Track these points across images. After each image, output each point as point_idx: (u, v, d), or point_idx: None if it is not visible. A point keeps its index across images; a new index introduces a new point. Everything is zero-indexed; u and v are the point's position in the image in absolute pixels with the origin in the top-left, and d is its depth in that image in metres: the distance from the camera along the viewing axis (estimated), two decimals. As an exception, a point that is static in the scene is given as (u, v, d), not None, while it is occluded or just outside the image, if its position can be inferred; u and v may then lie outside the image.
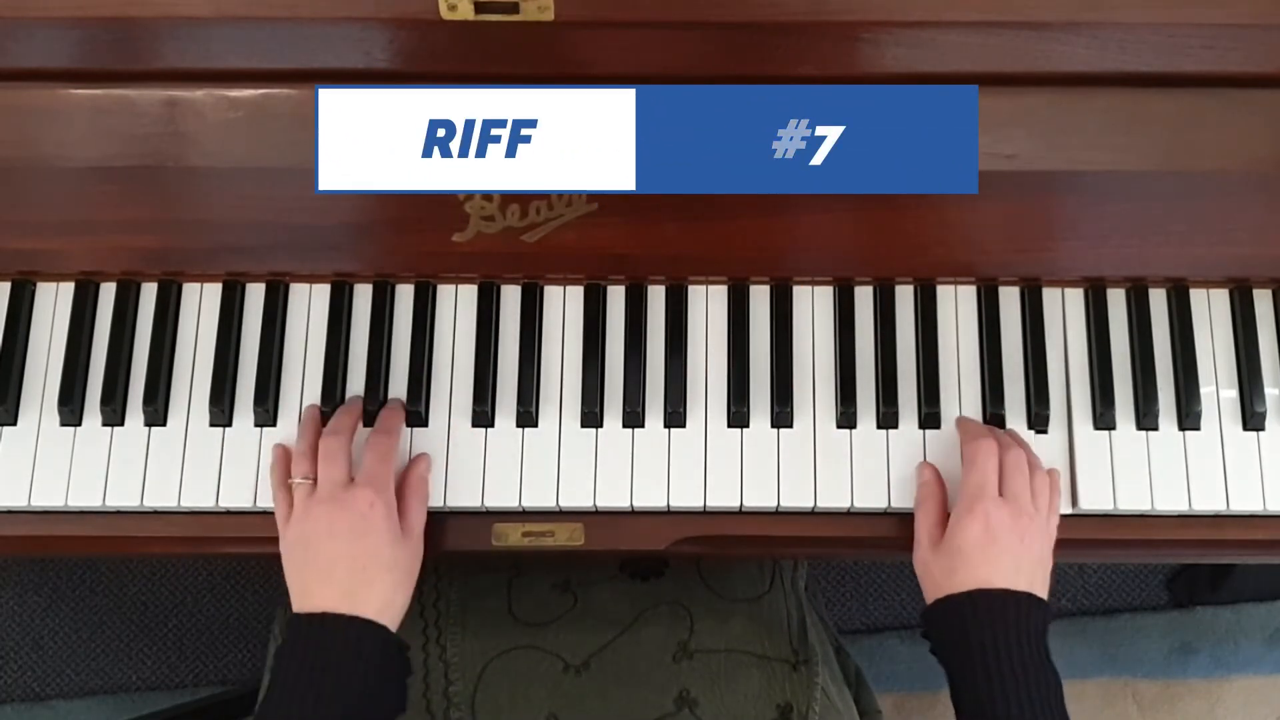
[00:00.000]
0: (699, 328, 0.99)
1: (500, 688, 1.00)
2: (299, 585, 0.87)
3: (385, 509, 0.88)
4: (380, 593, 0.86)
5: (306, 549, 0.87)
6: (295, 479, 0.91)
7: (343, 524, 0.87)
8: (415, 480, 0.93)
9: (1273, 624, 1.65)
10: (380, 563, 0.87)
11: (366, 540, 0.86)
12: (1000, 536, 0.86)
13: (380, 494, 0.88)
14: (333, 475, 0.89)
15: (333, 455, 0.90)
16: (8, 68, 0.89)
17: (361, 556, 0.86)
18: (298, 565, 0.87)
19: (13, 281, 0.99)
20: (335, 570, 0.86)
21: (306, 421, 0.95)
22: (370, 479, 0.89)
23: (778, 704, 0.99)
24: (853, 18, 0.84)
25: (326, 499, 0.88)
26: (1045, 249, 0.96)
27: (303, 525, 0.88)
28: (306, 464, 0.91)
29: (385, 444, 0.92)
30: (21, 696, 1.62)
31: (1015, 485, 0.89)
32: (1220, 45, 0.86)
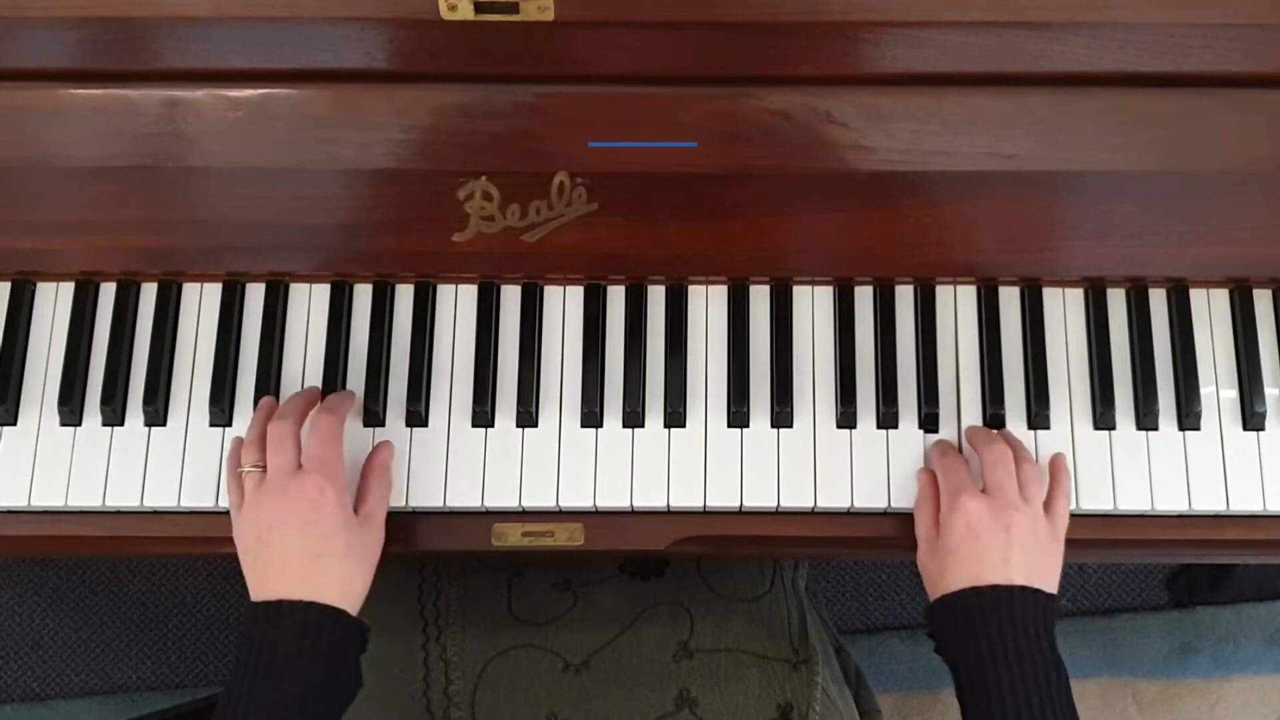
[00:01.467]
0: (699, 328, 0.99)
1: (500, 687, 1.00)
2: (255, 575, 0.86)
3: (336, 494, 0.86)
4: (337, 579, 0.85)
5: (258, 538, 0.86)
6: (245, 467, 0.89)
7: (293, 513, 0.85)
8: (377, 465, 0.92)
9: (1273, 624, 1.65)
10: (334, 549, 0.85)
11: (319, 527, 0.85)
12: (982, 532, 0.86)
13: (330, 479, 0.87)
14: (281, 463, 0.87)
15: (279, 442, 0.88)
16: (8, 68, 0.89)
17: (315, 544, 0.85)
18: (251, 554, 0.86)
19: (13, 281, 0.99)
20: (290, 560, 0.84)
21: (259, 409, 0.94)
22: (318, 464, 0.87)
23: (778, 704, 0.99)
24: (853, 18, 0.84)
25: (276, 488, 0.86)
26: (1045, 249, 0.96)
27: (254, 515, 0.87)
28: (256, 451, 0.90)
29: (329, 424, 0.90)
30: (21, 696, 1.62)
31: (997, 478, 0.89)
32: (1220, 45, 0.86)
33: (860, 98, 0.89)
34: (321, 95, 0.90)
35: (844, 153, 0.91)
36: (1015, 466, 0.90)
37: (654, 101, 0.90)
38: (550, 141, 0.91)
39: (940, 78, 0.89)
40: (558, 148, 0.91)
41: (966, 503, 0.87)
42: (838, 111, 0.89)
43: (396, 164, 0.91)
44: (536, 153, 0.91)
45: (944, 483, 0.91)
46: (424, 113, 0.90)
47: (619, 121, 0.90)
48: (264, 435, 0.90)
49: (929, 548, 0.90)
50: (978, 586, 0.85)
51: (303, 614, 0.83)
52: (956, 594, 0.86)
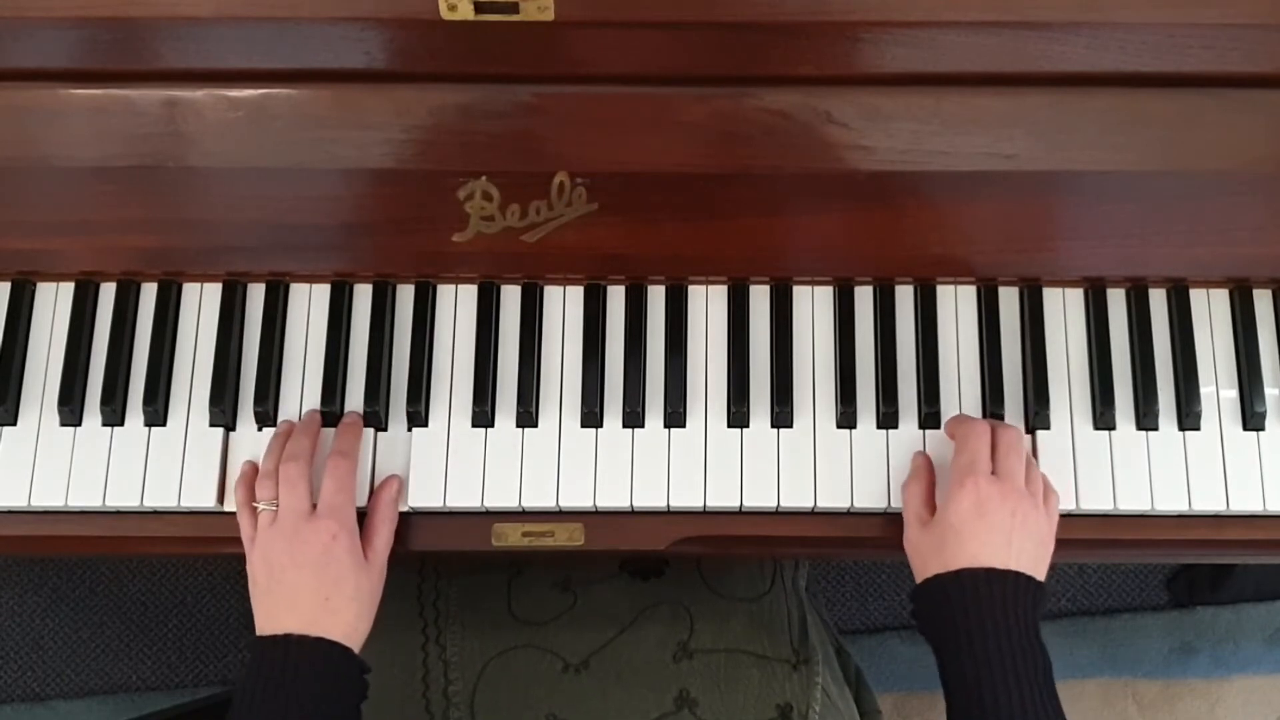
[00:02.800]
0: (699, 328, 0.99)
1: (500, 687, 1.00)
2: (264, 610, 0.88)
3: (348, 540, 0.89)
4: (344, 620, 0.87)
5: (270, 577, 0.88)
6: (260, 503, 0.91)
7: (305, 556, 0.87)
8: (384, 505, 0.93)
9: (1273, 624, 1.65)
10: (344, 593, 0.87)
11: (329, 571, 0.87)
12: (990, 511, 0.86)
13: (342, 525, 0.89)
14: (294, 505, 0.89)
15: (293, 483, 0.90)
16: (8, 68, 0.89)
17: (325, 587, 0.87)
18: (262, 590, 0.88)
19: (13, 281, 0.99)
20: (299, 600, 0.86)
21: (273, 440, 0.94)
22: (331, 510, 0.89)
23: (778, 704, 0.99)
24: (853, 18, 0.84)
25: (289, 531, 0.88)
26: (1045, 249, 0.96)
27: (266, 553, 0.88)
28: (270, 488, 0.91)
29: (344, 469, 0.91)
30: (21, 696, 1.62)
31: (1010, 463, 0.89)
32: (1220, 45, 0.86)
33: (860, 98, 0.89)
34: (321, 95, 0.90)
35: (844, 153, 0.91)
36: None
37: (654, 101, 0.90)
38: (550, 141, 0.91)
39: (940, 78, 0.89)
40: (558, 148, 0.91)
41: (979, 480, 0.87)
42: (838, 111, 0.89)
43: (396, 164, 0.91)
44: (536, 153, 0.91)
45: (959, 455, 0.90)
46: (424, 113, 0.90)
47: (619, 121, 0.90)
48: (278, 469, 0.91)
49: (920, 525, 0.90)
50: (973, 568, 0.85)
51: (311, 649, 0.85)
52: (952, 573, 0.85)
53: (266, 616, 0.87)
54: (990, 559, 0.85)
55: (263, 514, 0.90)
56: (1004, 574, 0.85)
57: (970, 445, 0.90)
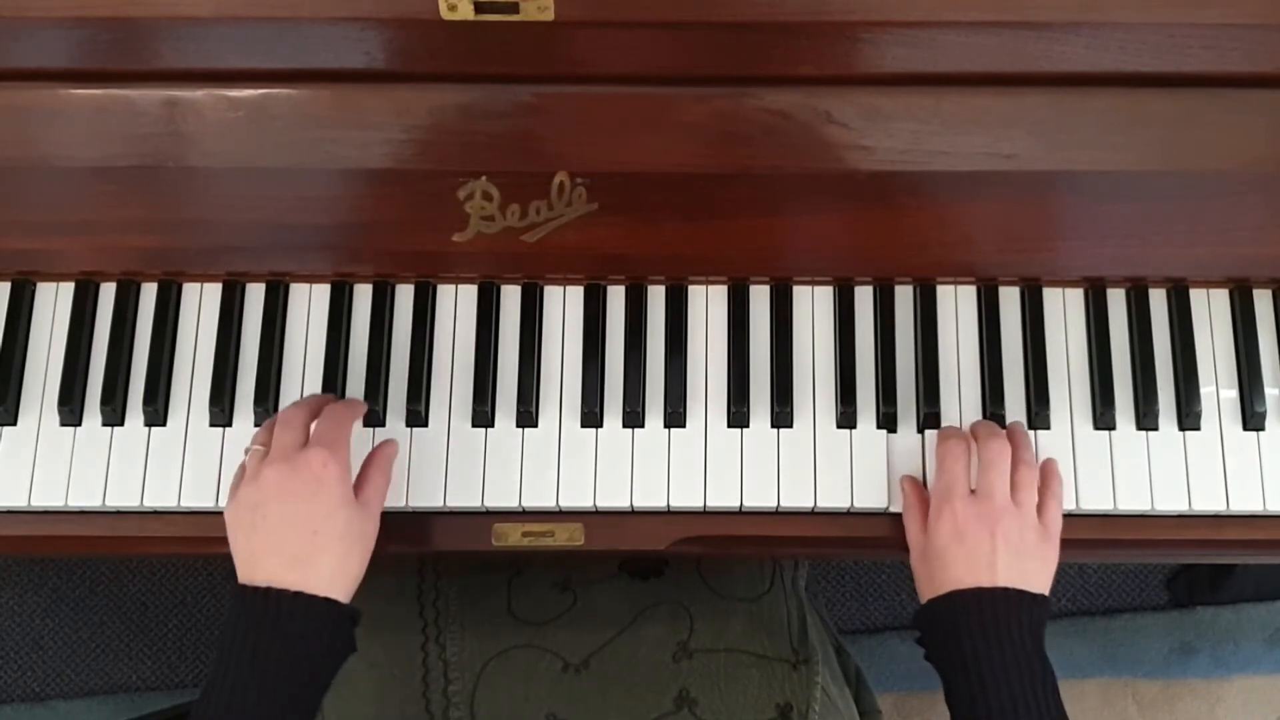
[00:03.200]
0: (699, 328, 0.99)
1: (500, 687, 1.00)
2: (245, 552, 0.83)
3: (339, 470, 0.84)
4: (330, 560, 0.82)
5: (254, 510, 0.83)
6: (251, 446, 0.88)
7: (294, 484, 0.83)
8: (381, 456, 0.91)
9: (1273, 624, 1.65)
10: (333, 527, 0.83)
11: (318, 501, 0.83)
12: (968, 535, 0.86)
13: (334, 456, 0.84)
14: (286, 439, 0.86)
15: (287, 421, 0.87)
16: (8, 68, 0.89)
17: (313, 518, 0.82)
18: (245, 530, 0.83)
19: (13, 281, 0.99)
20: (284, 533, 0.82)
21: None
22: (324, 439, 0.85)
23: (777, 704, 0.99)
24: (853, 18, 0.84)
25: (279, 460, 0.84)
26: (1045, 249, 0.96)
27: (251, 487, 0.84)
28: (265, 434, 0.88)
29: (341, 410, 0.89)
30: (21, 696, 1.62)
31: (989, 479, 0.89)
32: (1220, 45, 0.86)
33: (860, 98, 0.89)
34: (321, 95, 0.90)
35: (844, 153, 0.91)
36: (1012, 467, 0.90)
37: (654, 101, 0.90)
38: (550, 141, 0.91)
39: (940, 78, 0.89)
40: (558, 148, 0.91)
41: (954, 505, 0.87)
42: (838, 111, 0.89)
43: (396, 164, 0.91)
44: (536, 153, 0.91)
45: (936, 480, 0.91)
46: (424, 113, 0.90)
47: (619, 121, 0.90)
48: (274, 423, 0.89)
49: (919, 552, 0.90)
50: (961, 590, 0.85)
51: (290, 605, 0.80)
52: (941, 597, 0.86)
53: (248, 558, 0.82)
54: (975, 580, 0.85)
55: (252, 455, 0.87)
56: (991, 593, 0.85)
57: (946, 468, 0.90)
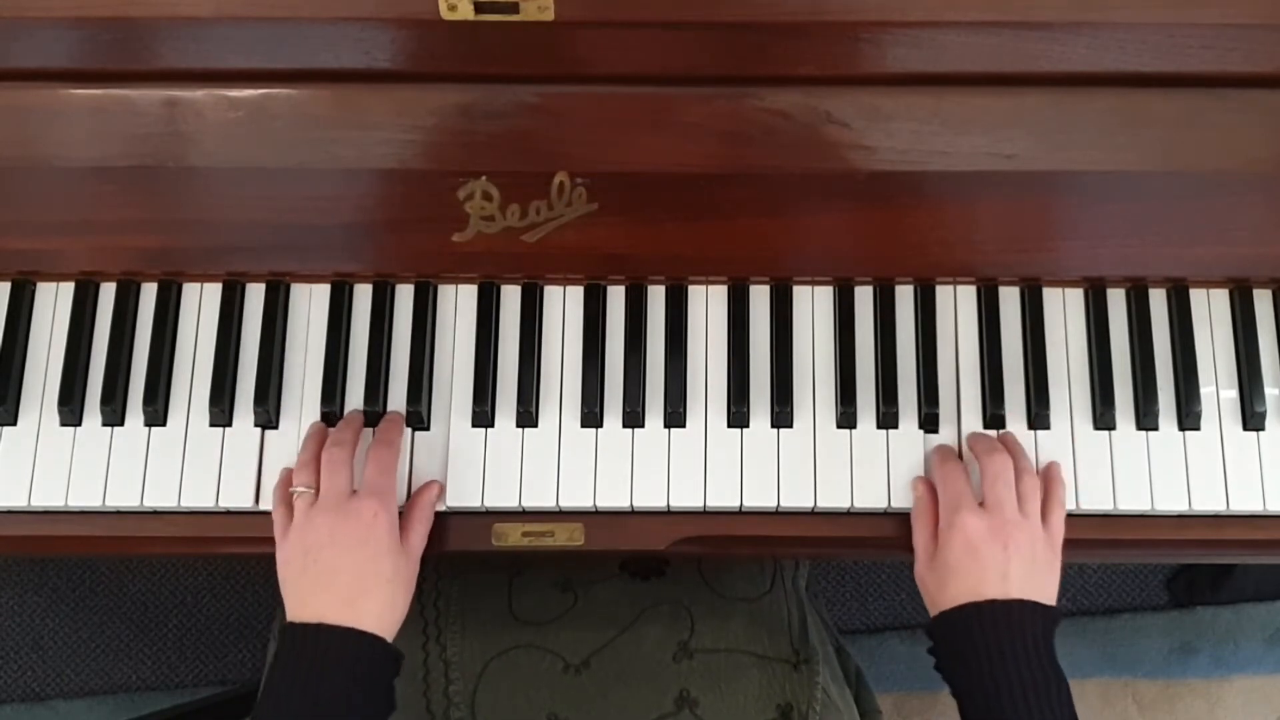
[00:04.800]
0: (699, 328, 0.99)
1: (500, 687, 1.00)
2: (296, 594, 0.87)
3: (388, 520, 0.88)
4: (378, 602, 0.86)
5: (306, 556, 0.87)
6: (297, 488, 0.90)
7: (345, 532, 0.87)
8: (423, 503, 0.93)
9: (1273, 624, 1.65)
10: (381, 573, 0.87)
11: (367, 549, 0.87)
12: (981, 549, 0.86)
13: (384, 505, 0.88)
14: (336, 485, 0.89)
15: (336, 466, 0.90)
16: (8, 68, 0.89)
17: (363, 565, 0.86)
18: (295, 573, 0.87)
19: (13, 281, 0.99)
20: (336, 578, 0.86)
21: (310, 434, 0.95)
22: (374, 489, 0.89)
23: (778, 704, 0.99)
24: (853, 18, 0.84)
25: (330, 508, 0.88)
26: (1045, 249, 0.96)
27: (304, 533, 0.88)
28: (309, 474, 0.91)
29: (387, 456, 0.92)
30: (21, 696, 1.62)
31: (997, 493, 0.89)
32: (1220, 45, 0.86)
33: (860, 98, 0.89)
34: (321, 95, 0.90)
35: (844, 153, 0.91)
36: (1015, 478, 0.90)
37: (654, 101, 0.90)
38: (550, 141, 0.91)
39: (940, 78, 0.89)
40: (558, 148, 0.91)
41: (966, 519, 0.87)
42: (838, 111, 0.89)
43: (396, 164, 0.91)
44: (536, 153, 0.91)
45: (943, 496, 0.91)
46: (424, 113, 0.90)
47: (619, 121, 0.90)
48: (316, 458, 0.91)
49: (927, 561, 0.90)
50: (977, 601, 0.85)
51: (341, 638, 0.84)
52: (956, 609, 0.86)
53: (299, 601, 0.86)
54: (990, 592, 0.85)
55: (300, 498, 0.90)
56: (1005, 604, 0.85)
57: (951, 485, 0.90)
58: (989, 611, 0.85)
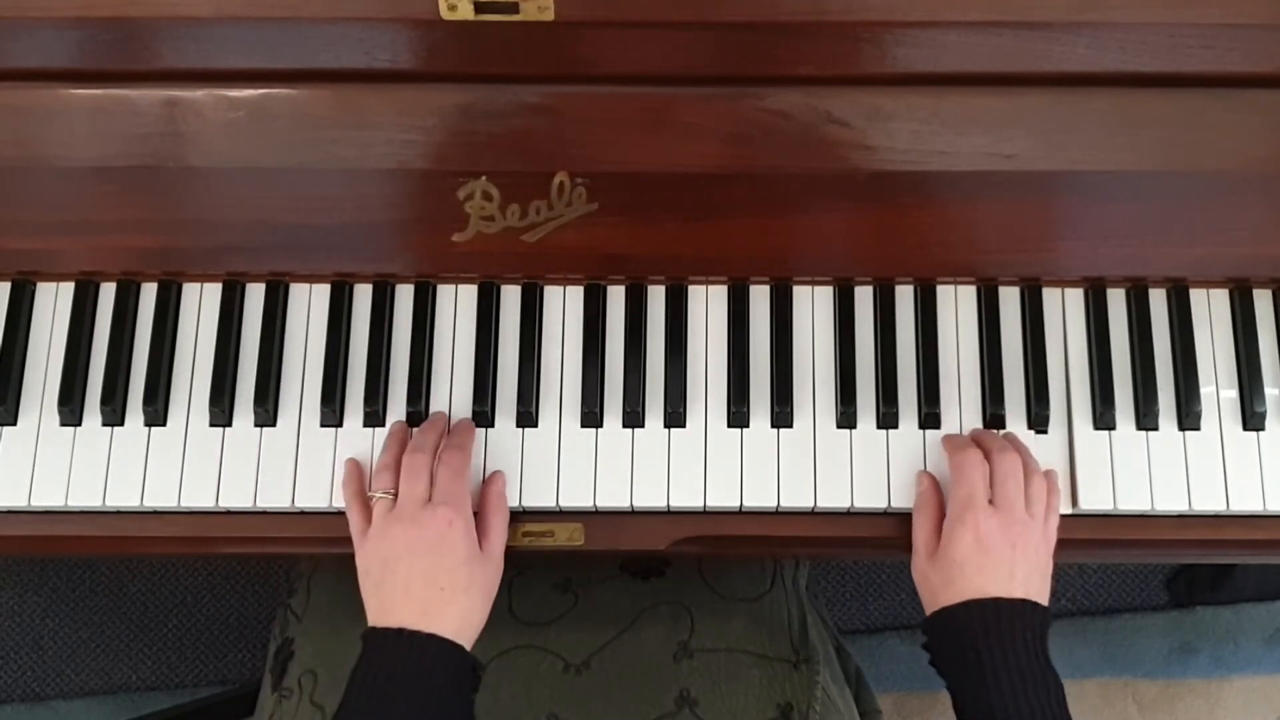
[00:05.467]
0: (699, 328, 0.99)
1: (501, 687, 1.00)
2: (376, 602, 0.87)
3: (464, 527, 0.88)
4: (458, 612, 0.86)
5: (384, 566, 0.87)
6: (376, 493, 0.90)
7: (422, 543, 0.86)
8: (495, 497, 0.93)
9: (1273, 624, 1.65)
10: (458, 582, 0.86)
11: (444, 559, 0.86)
12: (991, 546, 0.86)
13: (459, 513, 0.88)
14: (414, 493, 0.89)
15: (416, 473, 0.90)
16: (8, 68, 0.89)
17: (440, 576, 0.86)
18: (375, 582, 0.87)
19: (13, 281, 0.99)
20: (412, 589, 0.85)
21: (392, 433, 0.95)
22: (448, 497, 0.89)
23: (778, 703, 0.99)
24: (853, 18, 0.84)
25: (407, 518, 0.88)
26: (1045, 249, 0.96)
27: (380, 543, 0.88)
28: (389, 478, 0.91)
29: (459, 460, 0.91)
30: (21, 696, 1.62)
31: (1007, 492, 0.89)
32: (1220, 45, 0.86)
33: (860, 98, 0.89)
34: (321, 95, 0.90)
35: (844, 153, 0.91)
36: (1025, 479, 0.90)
37: (654, 101, 0.90)
38: (550, 141, 0.91)
39: (940, 78, 0.89)
40: (558, 148, 0.91)
41: (979, 516, 0.87)
42: (838, 111, 0.89)
43: (396, 164, 0.91)
44: (536, 153, 0.91)
45: (956, 489, 0.90)
46: (424, 113, 0.90)
47: (619, 121, 0.90)
48: (397, 461, 0.91)
49: (928, 556, 0.90)
50: (980, 599, 0.85)
51: (423, 644, 0.84)
52: (960, 605, 0.86)
53: (379, 609, 0.86)
54: (995, 590, 0.85)
55: (378, 503, 0.90)
56: (1010, 603, 0.85)
57: (966, 478, 0.90)
58: (992, 609, 0.85)
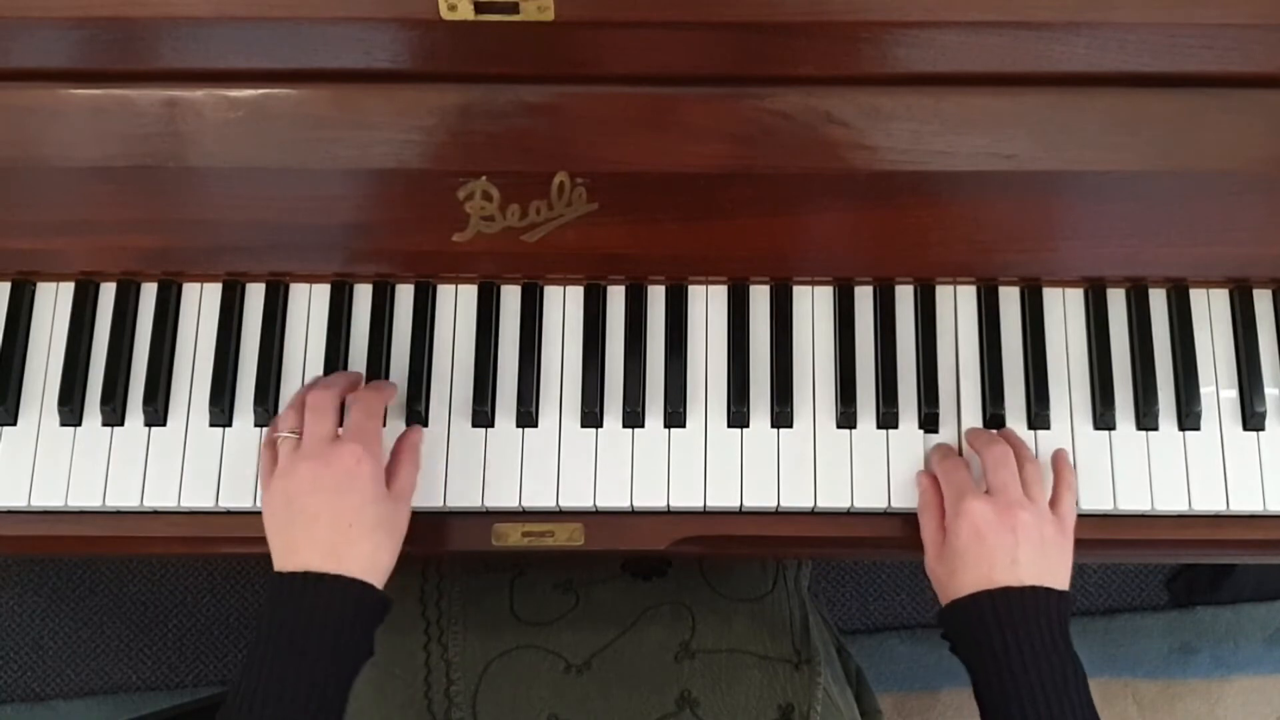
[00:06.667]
0: (699, 328, 0.99)
1: (502, 687, 1.00)
2: (281, 542, 0.85)
3: (372, 465, 0.86)
4: (364, 551, 0.84)
5: (289, 505, 0.85)
6: (281, 433, 0.89)
7: (327, 480, 0.85)
8: (408, 444, 0.92)
9: (1273, 624, 1.65)
10: (365, 520, 0.85)
11: (351, 497, 0.85)
12: (988, 534, 0.86)
13: (368, 449, 0.86)
14: (319, 430, 0.87)
15: (320, 410, 0.88)
16: (8, 68, 0.89)
17: (346, 513, 0.84)
18: (281, 523, 0.85)
19: (13, 281, 0.99)
20: (318, 527, 0.84)
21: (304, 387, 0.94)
22: (357, 434, 0.87)
23: (779, 704, 0.99)
24: (853, 18, 0.84)
25: (312, 454, 0.86)
26: (1045, 249, 0.96)
27: (286, 480, 0.86)
28: (294, 418, 0.89)
29: (373, 399, 0.90)
30: (21, 696, 1.62)
31: (1000, 478, 0.89)
32: (1220, 45, 0.86)
33: (860, 98, 0.89)
34: (321, 95, 0.90)
35: (844, 153, 0.91)
36: (1018, 466, 0.90)
37: (654, 101, 0.90)
38: (550, 141, 0.91)
39: (940, 78, 0.89)
40: (558, 148, 0.91)
41: (971, 505, 0.87)
42: (838, 111, 0.89)
43: (396, 164, 0.91)
44: (536, 153, 0.91)
45: (946, 486, 0.91)
46: (424, 113, 0.90)
47: (619, 121, 0.90)
48: (303, 403, 0.90)
49: (936, 553, 0.90)
50: (989, 589, 0.85)
51: (329, 586, 0.82)
52: (968, 597, 0.86)
53: (284, 549, 0.85)
54: (1001, 578, 0.85)
55: (284, 443, 0.88)
56: (1018, 590, 0.85)
57: (954, 478, 0.90)
58: (1001, 599, 0.85)
